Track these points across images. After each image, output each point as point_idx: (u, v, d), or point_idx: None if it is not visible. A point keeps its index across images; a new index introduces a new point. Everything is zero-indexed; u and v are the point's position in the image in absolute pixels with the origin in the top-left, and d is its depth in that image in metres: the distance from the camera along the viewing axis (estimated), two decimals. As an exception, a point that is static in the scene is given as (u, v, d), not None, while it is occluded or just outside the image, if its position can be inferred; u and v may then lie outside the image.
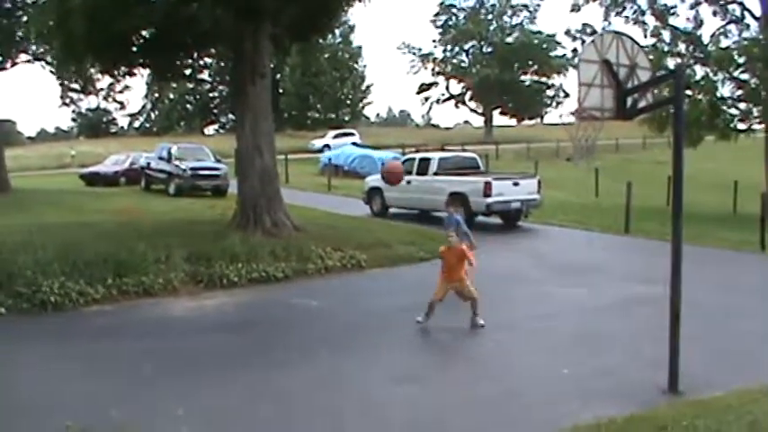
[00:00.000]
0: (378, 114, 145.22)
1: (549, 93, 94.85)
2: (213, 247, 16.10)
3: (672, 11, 34.83)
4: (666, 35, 34.43)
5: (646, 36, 34.31)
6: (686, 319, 8.93)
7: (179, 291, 14.40)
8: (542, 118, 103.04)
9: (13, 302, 12.65)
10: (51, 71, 36.80)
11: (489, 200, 22.48)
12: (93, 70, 31.81)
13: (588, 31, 38.89)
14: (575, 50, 75.10)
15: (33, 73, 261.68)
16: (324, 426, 8.05)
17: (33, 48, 34.05)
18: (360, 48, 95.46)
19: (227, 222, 19.54)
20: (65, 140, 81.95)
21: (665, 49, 33.93)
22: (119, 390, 9.10)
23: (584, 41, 38.78)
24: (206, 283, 14.84)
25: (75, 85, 38.11)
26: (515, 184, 23.43)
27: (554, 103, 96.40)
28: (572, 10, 37.54)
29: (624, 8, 35.23)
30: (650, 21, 35.03)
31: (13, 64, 34.25)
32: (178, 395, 8.83)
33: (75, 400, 8.65)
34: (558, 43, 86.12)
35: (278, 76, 78.32)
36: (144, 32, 19.73)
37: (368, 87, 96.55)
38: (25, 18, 32.08)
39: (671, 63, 32.66)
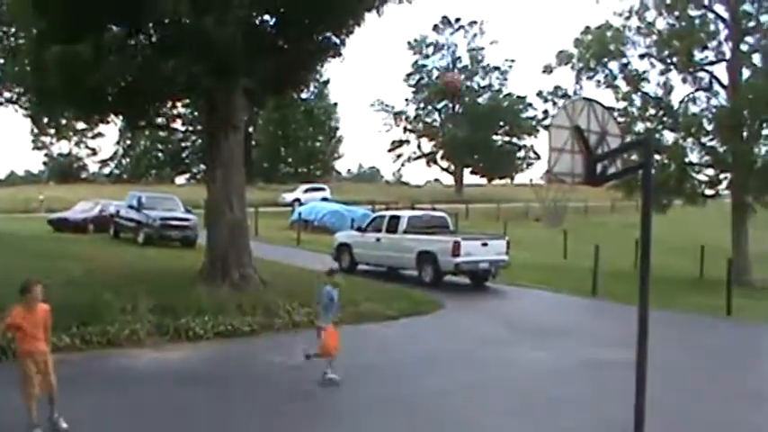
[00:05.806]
0: (348, 170, 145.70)
1: (520, 153, 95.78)
2: (180, 298, 15.99)
3: (643, 76, 35.27)
4: (637, 100, 34.87)
5: (617, 100, 34.74)
6: (652, 382, 8.92)
7: (144, 342, 14.17)
8: (512, 178, 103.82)
9: (-31, 348, 12.40)
10: (25, 115, 36.51)
11: (458, 259, 22.57)
12: (66, 116, 31.87)
13: (560, 93, 39.23)
14: (546, 112, 76.17)
15: (5, 115, 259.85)
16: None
17: (6, 93, 33.85)
18: (335, 104, 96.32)
19: (195, 274, 19.41)
20: (34, 184, 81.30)
21: (636, 113, 34.40)
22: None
23: (555, 103, 39.25)
24: (171, 335, 14.64)
25: (49, 130, 37.70)
26: (484, 245, 23.52)
27: (525, 164, 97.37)
28: (544, 71, 37.80)
29: (596, 72, 35.58)
30: (621, 85, 35.44)
31: (-14, 106, 34.00)
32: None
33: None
34: (530, 104, 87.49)
35: (251, 128, 78.46)
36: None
37: (339, 140, 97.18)
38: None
39: (641, 127, 33.16)
